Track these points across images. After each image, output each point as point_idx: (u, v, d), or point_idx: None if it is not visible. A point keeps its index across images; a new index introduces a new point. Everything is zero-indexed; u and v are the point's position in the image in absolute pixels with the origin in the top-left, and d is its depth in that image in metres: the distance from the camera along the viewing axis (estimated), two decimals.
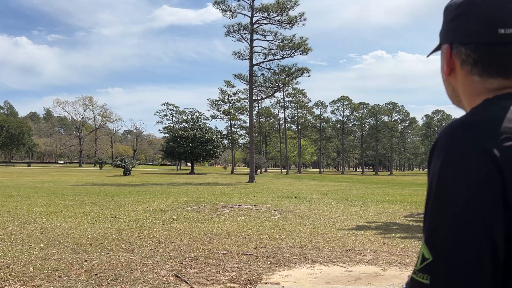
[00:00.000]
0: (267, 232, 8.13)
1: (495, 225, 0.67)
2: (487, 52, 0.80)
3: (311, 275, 5.04)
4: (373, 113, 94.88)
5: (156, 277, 4.81)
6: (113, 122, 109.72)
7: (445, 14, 0.88)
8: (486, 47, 0.80)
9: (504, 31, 0.78)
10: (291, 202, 14.94)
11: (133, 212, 11.10)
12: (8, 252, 5.96)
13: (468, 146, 0.70)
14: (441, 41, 0.89)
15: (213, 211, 11.43)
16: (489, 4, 0.80)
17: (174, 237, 7.42)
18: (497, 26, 0.78)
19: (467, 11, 0.82)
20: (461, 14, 0.83)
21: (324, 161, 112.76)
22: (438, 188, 0.72)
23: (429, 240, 0.70)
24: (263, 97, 50.98)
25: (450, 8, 0.87)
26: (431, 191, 0.73)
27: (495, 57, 0.79)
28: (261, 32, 34.43)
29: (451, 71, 0.86)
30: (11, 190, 18.42)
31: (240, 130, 73.67)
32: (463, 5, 0.83)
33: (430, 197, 0.73)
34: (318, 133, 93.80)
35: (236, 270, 5.17)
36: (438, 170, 0.72)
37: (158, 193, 18.31)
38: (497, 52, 0.79)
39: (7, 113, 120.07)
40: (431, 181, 0.74)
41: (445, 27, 0.87)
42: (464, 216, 0.68)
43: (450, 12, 0.86)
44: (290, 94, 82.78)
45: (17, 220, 9.12)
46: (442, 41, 0.89)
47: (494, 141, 0.70)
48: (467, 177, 0.69)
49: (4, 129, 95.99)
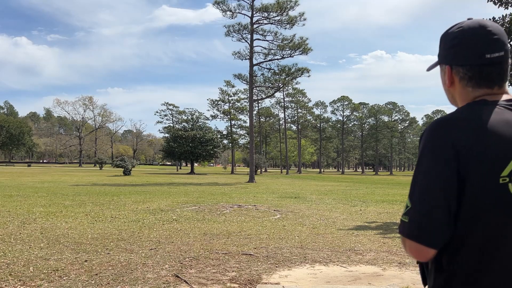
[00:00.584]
0: (267, 232, 8.13)
1: (451, 188, 1.06)
2: (478, 71, 1.15)
3: (311, 275, 5.05)
4: (373, 113, 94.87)
5: (156, 277, 4.81)
6: (113, 122, 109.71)
7: (443, 41, 1.22)
8: (477, 68, 1.15)
9: (489, 55, 1.14)
10: (291, 202, 14.94)
11: (133, 212, 11.10)
12: (8, 252, 5.96)
13: (438, 137, 1.10)
14: (442, 62, 1.23)
15: (213, 211, 11.43)
16: (478, 36, 1.15)
17: (174, 237, 7.42)
18: (485, 52, 1.14)
19: (462, 41, 1.16)
20: (457, 44, 1.17)
21: (324, 161, 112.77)
22: (419, 163, 1.12)
23: (410, 195, 1.12)
24: (263, 97, 51.01)
25: (447, 37, 1.21)
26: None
27: (483, 74, 1.15)
28: (261, 32, 34.45)
29: (451, 84, 1.22)
30: (11, 190, 18.43)
31: (240, 130, 73.69)
32: (458, 37, 1.17)
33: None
34: (318, 133, 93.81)
35: (236, 270, 5.17)
36: (420, 151, 1.13)
37: (158, 193, 18.31)
38: (485, 71, 1.15)
39: (7, 113, 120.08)
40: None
41: (445, 52, 1.21)
42: (431, 181, 1.08)
43: (448, 41, 1.20)
44: (290, 94, 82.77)
45: (17, 220, 9.12)
46: (444, 62, 1.23)
47: (455, 133, 1.08)
48: (436, 156, 1.08)
49: (4, 129, 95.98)
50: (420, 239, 1.08)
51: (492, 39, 1.14)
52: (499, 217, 1.06)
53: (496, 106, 1.12)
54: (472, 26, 1.16)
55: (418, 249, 1.09)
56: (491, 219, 1.06)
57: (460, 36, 1.17)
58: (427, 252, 1.08)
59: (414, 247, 1.09)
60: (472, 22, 1.18)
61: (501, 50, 1.14)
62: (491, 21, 1.18)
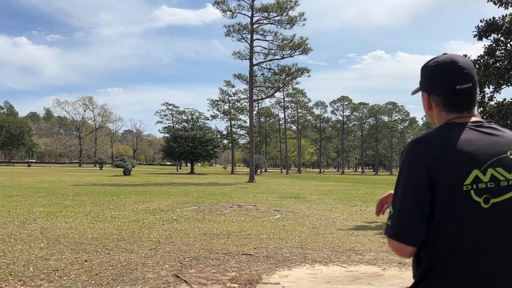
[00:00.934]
0: (267, 232, 8.13)
1: (424, 196, 1.27)
2: (450, 99, 1.40)
3: (311, 275, 5.05)
4: (373, 113, 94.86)
5: (156, 277, 4.81)
6: (113, 122, 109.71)
7: (423, 72, 1.49)
8: (449, 96, 1.40)
9: (459, 87, 1.38)
10: (291, 202, 14.94)
11: (133, 212, 11.10)
12: (8, 252, 5.96)
13: (413, 154, 1.33)
14: (422, 90, 1.50)
15: (213, 211, 11.43)
16: (450, 70, 1.39)
17: (174, 237, 7.42)
18: (456, 84, 1.38)
19: (438, 75, 1.42)
20: (434, 76, 1.43)
21: (324, 161, 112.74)
22: (399, 175, 1.35)
23: (392, 202, 1.35)
24: (263, 97, 51.01)
25: (426, 70, 1.47)
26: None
27: (454, 102, 1.40)
28: (261, 32, 34.45)
29: (430, 108, 1.47)
30: (11, 190, 18.43)
31: (240, 130, 73.69)
32: (434, 70, 1.43)
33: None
34: (318, 133, 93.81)
35: (236, 270, 5.17)
36: (400, 165, 1.36)
37: (158, 193, 18.31)
38: (455, 99, 1.39)
39: (7, 113, 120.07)
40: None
41: (424, 83, 1.48)
42: (408, 190, 1.30)
43: (426, 73, 1.46)
44: (290, 94, 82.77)
45: (17, 220, 9.12)
46: (423, 90, 1.49)
47: (426, 150, 1.31)
48: (412, 170, 1.31)
49: (4, 129, 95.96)
50: (400, 238, 1.30)
51: (462, 73, 1.39)
52: (464, 218, 1.26)
53: (463, 127, 1.36)
54: (446, 61, 1.42)
55: (399, 247, 1.31)
56: (457, 219, 1.26)
57: (436, 70, 1.43)
58: (406, 249, 1.30)
59: (396, 246, 1.32)
60: (446, 57, 1.43)
61: (470, 82, 1.38)
62: (462, 56, 1.44)
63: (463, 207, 1.25)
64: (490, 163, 1.29)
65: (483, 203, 1.26)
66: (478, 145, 1.31)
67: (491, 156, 1.30)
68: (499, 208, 1.26)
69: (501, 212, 1.27)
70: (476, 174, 1.27)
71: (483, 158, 1.29)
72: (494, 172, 1.28)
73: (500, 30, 11.74)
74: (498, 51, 11.95)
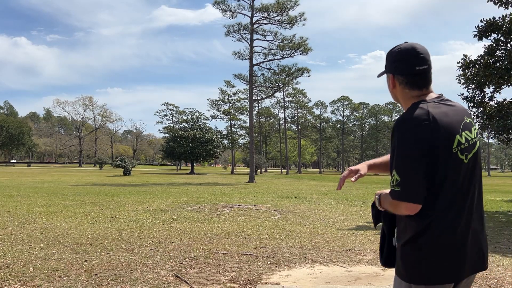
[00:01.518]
0: (267, 232, 8.12)
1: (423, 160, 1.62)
2: (411, 78, 1.79)
3: (311, 275, 5.04)
4: (373, 113, 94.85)
5: (156, 277, 4.80)
6: (113, 122, 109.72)
7: (388, 57, 1.86)
8: (411, 76, 1.78)
9: (418, 68, 1.76)
10: (291, 202, 14.93)
11: (133, 212, 11.10)
12: (8, 252, 5.96)
13: (407, 129, 1.65)
14: (388, 72, 1.87)
15: (213, 211, 11.42)
16: (411, 55, 1.76)
17: (174, 237, 7.42)
18: (415, 66, 1.76)
19: (401, 59, 1.79)
20: (398, 60, 1.80)
21: (324, 161, 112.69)
22: (400, 149, 1.65)
23: (398, 170, 1.65)
24: (263, 97, 50.98)
25: (391, 55, 1.84)
26: (395, 151, 1.68)
27: (415, 80, 1.78)
28: (261, 32, 34.44)
29: (394, 86, 1.86)
30: (11, 190, 18.42)
31: (240, 130, 73.68)
32: (398, 55, 1.80)
33: (395, 154, 1.68)
34: (318, 133, 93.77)
35: (236, 270, 5.17)
36: (398, 140, 1.67)
37: (158, 193, 18.31)
38: (415, 78, 1.78)
39: (7, 113, 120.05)
40: (394, 147, 1.69)
41: (390, 65, 1.85)
42: (411, 158, 1.62)
43: (392, 57, 1.83)
44: (290, 94, 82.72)
45: (17, 220, 9.11)
46: (389, 72, 1.86)
47: (418, 126, 1.64)
48: (409, 143, 1.63)
49: (4, 129, 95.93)
50: (411, 199, 1.63)
51: (420, 57, 1.76)
52: (457, 172, 1.68)
53: (434, 103, 1.73)
54: (407, 48, 1.78)
55: (410, 207, 1.64)
56: (453, 173, 1.67)
57: (399, 54, 1.80)
58: (416, 207, 1.64)
59: (408, 206, 1.64)
60: (407, 45, 1.80)
61: (426, 64, 1.77)
62: (420, 44, 1.80)
63: (455, 164, 1.67)
64: (461, 128, 1.72)
65: (465, 159, 1.71)
66: (450, 116, 1.71)
67: (459, 123, 1.73)
68: (472, 160, 1.74)
69: (473, 163, 1.74)
70: (458, 139, 1.69)
71: (456, 125, 1.71)
72: (464, 134, 1.72)
73: (500, 30, 11.73)
74: (498, 51, 11.95)
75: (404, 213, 1.68)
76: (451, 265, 1.68)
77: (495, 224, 9.80)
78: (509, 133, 11.85)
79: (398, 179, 1.65)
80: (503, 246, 7.08)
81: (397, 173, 1.65)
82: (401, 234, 1.76)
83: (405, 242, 1.72)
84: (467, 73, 12.22)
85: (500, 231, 8.67)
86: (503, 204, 15.43)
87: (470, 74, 12.13)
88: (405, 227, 1.73)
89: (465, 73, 12.28)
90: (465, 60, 12.23)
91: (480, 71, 11.72)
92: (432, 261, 1.66)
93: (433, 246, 1.66)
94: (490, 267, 5.57)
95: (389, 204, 1.75)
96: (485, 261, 1.80)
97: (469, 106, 12.43)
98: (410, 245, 1.70)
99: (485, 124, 12.30)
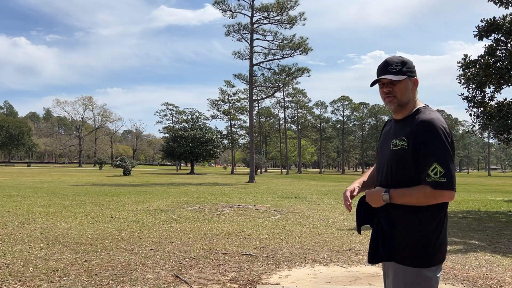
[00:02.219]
0: (267, 232, 8.11)
1: (453, 156, 1.95)
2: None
3: (311, 276, 5.03)
4: (373, 113, 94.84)
5: (156, 277, 4.79)
6: (113, 122, 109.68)
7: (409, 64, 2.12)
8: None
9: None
10: (291, 202, 14.92)
11: (133, 212, 11.09)
12: (8, 252, 5.95)
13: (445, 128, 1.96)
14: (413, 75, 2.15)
15: (213, 211, 11.41)
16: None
17: (174, 237, 7.41)
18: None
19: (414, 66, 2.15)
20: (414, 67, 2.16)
21: (324, 161, 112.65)
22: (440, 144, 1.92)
23: (440, 163, 1.88)
24: (263, 97, 50.93)
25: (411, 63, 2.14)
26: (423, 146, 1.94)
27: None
28: (261, 32, 34.41)
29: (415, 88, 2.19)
30: (11, 190, 18.41)
31: (240, 130, 73.63)
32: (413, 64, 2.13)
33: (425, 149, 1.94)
34: (318, 133, 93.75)
35: (236, 271, 5.16)
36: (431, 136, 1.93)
37: (158, 193, 18.30)
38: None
39: (7, 113, 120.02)
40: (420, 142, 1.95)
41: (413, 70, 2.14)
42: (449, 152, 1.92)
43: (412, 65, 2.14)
44: (290, 94, 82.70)
45: (16, 220, 9.10)
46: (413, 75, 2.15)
47: (445, 124, 1.98)
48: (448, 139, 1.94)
49: (4, 129, 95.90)
50: (454, 188, 1.90)
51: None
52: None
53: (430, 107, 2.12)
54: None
55: (452, 195, 1.90)
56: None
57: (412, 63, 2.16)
58: (454, 195, 1.92)
59: (451, 194, 1.90)
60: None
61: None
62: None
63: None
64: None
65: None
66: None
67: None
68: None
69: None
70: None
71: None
72: None
73: (500, 30, 11.71)
74: (498, 51, 11.93)
75: (443, 201, 1.93)
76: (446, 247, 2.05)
77: (495, 224, 9.80)
78: (509, 133, 11.83)
79: (442, 171, 1.87)
80: (504, 246, 7.07)
81: (440, 165, 1.88)
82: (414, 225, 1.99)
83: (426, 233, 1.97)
84: (468, 73, 12.21)
85: (500, 231, 8.66)
86: (503, 204, 15.42)
87: (471, 74, 12.11)
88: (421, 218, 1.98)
89: (465, 73, 12.26)
90: (466, 60, 12.21)
91: (481, 71, 11.70)
92: (443, 244, 2.01)
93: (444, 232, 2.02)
94: (490, 267, 5.57)
95: (423, 196, 1.91)
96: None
97: (469, 106, 12.42)
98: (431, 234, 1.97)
99: (485, 124, 12.29)
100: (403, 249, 1.99)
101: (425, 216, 1.95)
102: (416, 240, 1.96)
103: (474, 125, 12.81)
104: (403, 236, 1.99)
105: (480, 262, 5.83)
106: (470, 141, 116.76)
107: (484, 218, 10.95)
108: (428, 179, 1.89)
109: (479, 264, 5.71)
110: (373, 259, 2.10)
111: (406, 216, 1.99)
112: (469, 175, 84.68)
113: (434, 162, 1.87)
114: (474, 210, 13.06)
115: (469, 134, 15.22)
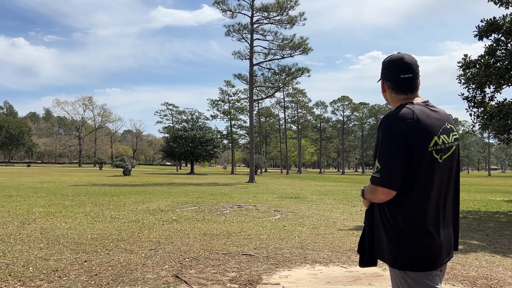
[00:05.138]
0: (267, 232, 8.11)
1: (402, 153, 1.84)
2: (397, 85, 2.04)
3: (311, 276, 5.03)
4: (373, 113, 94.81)
5: (156, 277, 4.79)
6: (112, 122, 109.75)
7: (382, 65, 2.10)
8: (396, 82, 2.04)
9: (402, 76, 2.01)
10: (291, 202, 14.92)
11: (133, 212, 11.08)
12: (8, 252, 5.95)
13: (392, 124, 1.88)
14: (381, 77, 2.13)
15: (213, 211, 11.41)
16: (397, 64, 2.03)
17: (174, 237, 7.40)
18: (400, 74, 2.02)
19: (389, 67, 2.06)
20: (386, 68, 2.07)
21: (324, 161, 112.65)
22: (383, 141, 1.88)
23: (379, 159, 1.89)
24: (263, 97, 50.92)
25: (383, 63, 2.10)
26: (378, 143, 1.92)
27: (400, 86, 2.03)
28: (261, 32, 34.40)
29: (384, 90, 2.13)
30: (11, 190, 18.40)
31: (240, 130, 73.59)
32: (387, 63, 2.07)
33: (378, 145, 1.92)
34: (318, 133, 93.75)
35: (236, 271, 5.15)
36: (382, 133, 1.89)
37: (158, 193, 18.29)
38: (400, 84, 2.03)
39: (7, 113, 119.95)
40: (378, 139, 1.93)
41: (382, 71, 2.11)
42: (392, 149, 1.85)
43: (383, 66, 2.10)
44: (290, 94, 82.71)
45: (16, 220, 9.10)
46: (381, 77, 2.13)
47: (402, 122, 1.86)
48: (392, 136, 1.86)
49: (4, 129, 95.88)
50: (389, 185, 1.86)
51: (405, 66, 2.01)
52: (429, 169, 1.88)
53: (419, 105, 1.95)
54: (395, 58, 2.05)
55: (387, 192, 1.87)
56: (425, 169, 1.88)
57: (388, 63, 2.07)
58: (391, 193, 1.87)
59: (384, 191, 1.87)
60: (396, 55, 2.06)
61: (410, 73, 2.01)
62: (409, 55, 2.05)
63: (428, 161, 1.88)
64: (440, 132, 1.93)
65: (439, 158, 1.91)
66: (432, 119, 1.93)
67: (439, 126, 1.93)
68: (447, 161, 1.95)
69: (449, 163, 1.97)
70: (435, 140, 1.90)
71: (436, 128, 1.92)
72: (442, 137, 1.93)
73: (500, 30, 11.71)
74: (498, 51, 11.93)
75: (380, 198, 1.90)
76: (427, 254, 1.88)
77: (495, 224, 9.79)
78: (509, 133, 11.83)
79: (378, 167, 1.88)
80: (504, 246, 7.07)
81: (378, 161, 1.89)
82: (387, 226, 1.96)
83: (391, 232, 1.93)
84: (468, 73, 12.20)
85: (500, 231, 8.66)
86: (503, 204, 15.42)
87: (471, 74, 12.10)
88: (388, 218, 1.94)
89: (465, 73, 12.25)
90: (466, 60, 12.20)
91: (481, 71, 11.69)
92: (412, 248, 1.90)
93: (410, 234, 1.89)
94: (490, 267, 5.56)
95: (369, 191, 1.97)
96: (451, 252, 2.05)
97: (469, 106, 12.41)
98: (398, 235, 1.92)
99: (485, 124, 12.28)
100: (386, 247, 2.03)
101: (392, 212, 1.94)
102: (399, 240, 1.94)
103: (474, 125, 12.80)
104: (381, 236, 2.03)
105: (480, 262, 5.83)
106: (470, 141, 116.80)
107: (484, 218, 10.95)
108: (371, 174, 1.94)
109: (479, 264, 5.71)
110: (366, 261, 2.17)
111: (380, 215, 2.00)
112: (469, 175, 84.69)
113: (377, 158, 1.90)
114: (474, 210, 13.06)
115: (469, 134, 15.20)
